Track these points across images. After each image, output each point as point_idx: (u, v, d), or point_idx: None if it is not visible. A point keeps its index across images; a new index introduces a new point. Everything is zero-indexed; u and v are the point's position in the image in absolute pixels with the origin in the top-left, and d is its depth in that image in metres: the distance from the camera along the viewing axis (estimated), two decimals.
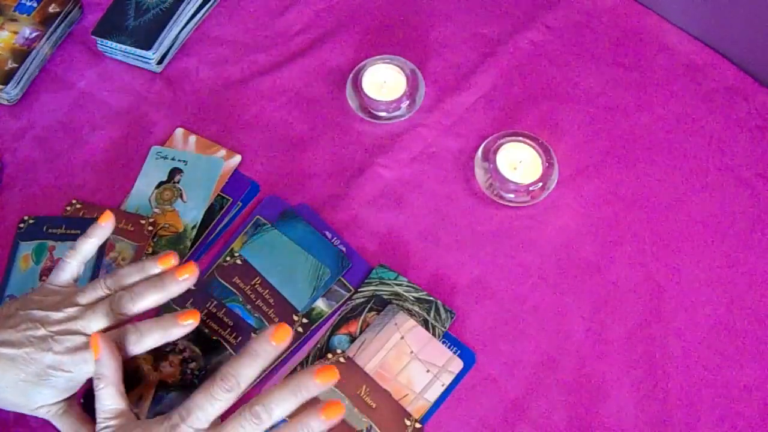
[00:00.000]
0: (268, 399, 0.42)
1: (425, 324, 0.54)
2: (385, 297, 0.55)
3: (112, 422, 0.44)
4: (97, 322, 0.47)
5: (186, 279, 0.48)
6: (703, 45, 0.65)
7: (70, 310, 0.47)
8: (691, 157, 0.60)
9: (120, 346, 0.46)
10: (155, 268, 0.50)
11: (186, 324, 0.47)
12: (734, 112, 0.62)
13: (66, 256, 0.50)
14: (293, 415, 0.43)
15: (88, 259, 0.51)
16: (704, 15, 0.64)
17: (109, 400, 0.44)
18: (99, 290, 0.49)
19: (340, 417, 0.42)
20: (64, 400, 0.47)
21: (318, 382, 0.42)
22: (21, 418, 0.52)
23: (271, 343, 0.43)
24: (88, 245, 0.51)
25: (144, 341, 0.47)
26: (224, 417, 0.43)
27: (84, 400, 0.52)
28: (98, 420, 0.44)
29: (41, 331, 0.46)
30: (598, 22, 0.68)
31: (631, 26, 0.67)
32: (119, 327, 0.47)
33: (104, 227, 0.52)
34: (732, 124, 0.62)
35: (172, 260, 0.50)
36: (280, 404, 0.42)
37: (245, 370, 0.43)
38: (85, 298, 0.48)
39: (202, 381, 0.51)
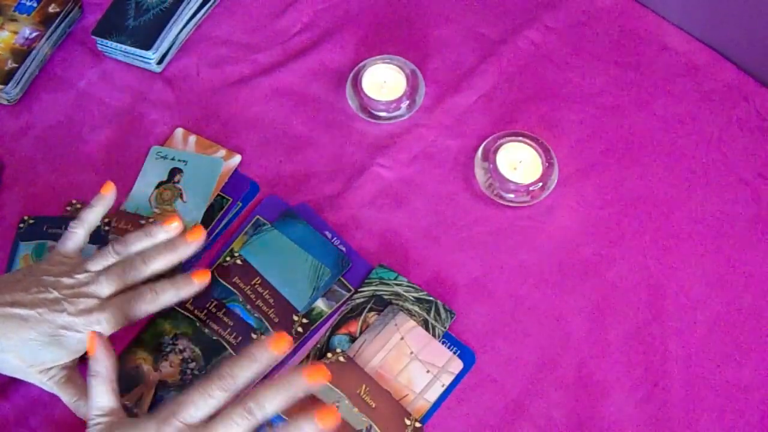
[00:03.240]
0: (260, 396, 0.42)
1: (425, 324, 0.54)
2: (385, 297, 0.55)
3: (104, 419, 0.44)
4: (110, 286, 0.49)
5: (196, 242, 0.52)
6: (703, 45, 0.65)
7: (81, 276, 0.49)
8: (691, 157, 0.60)
9: (135, 306, 0.49)
10: (161, 232, 0.52)
11: (198, 282, 0.50)
12: (734, 112, 0.62)
13: (72, 226, 0.52)
14: (289, 412, 0.42)
15: (93, 228, 0.53)
16: (704, 15, 0.64)
17: (102, 397, 0.45)
18: (108, 256, 0.50)
19: (335, 423, 0.42)
20: (68, 367, 0.48)
21: (308, 381, 0.43)
22: (21, 419, 0.52)
23: (270, 350, 0.44)
24: (93, 215, 0.53)
25: (159, 299, 0.49)
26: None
27: None
28: (90, 417, 0.44)
29: (54, 294, 0.47)
30: (598, 22, 0.68)
31: (631, 26, 0.67)
32: (132, 290, 0.49)
33: (107, 196, 0.54)
34: (732, 124, 0.62)
35: (176, 222, 0.52)
36: (272, 401, 0.42)
37: (242, 372, 0.43)
38: (95, 265, 0.50)
39: None
